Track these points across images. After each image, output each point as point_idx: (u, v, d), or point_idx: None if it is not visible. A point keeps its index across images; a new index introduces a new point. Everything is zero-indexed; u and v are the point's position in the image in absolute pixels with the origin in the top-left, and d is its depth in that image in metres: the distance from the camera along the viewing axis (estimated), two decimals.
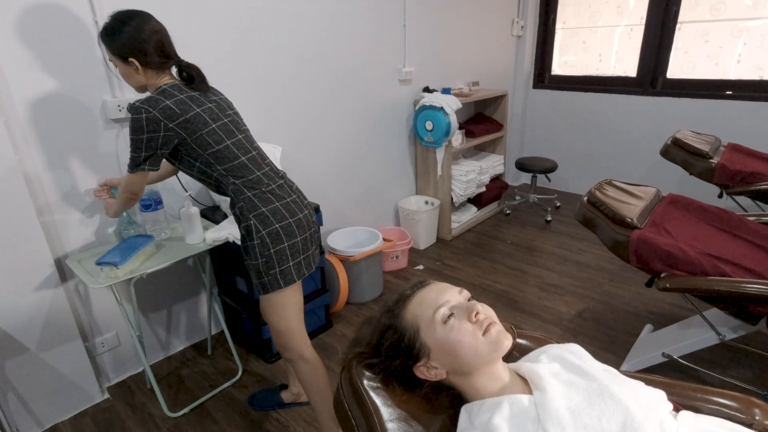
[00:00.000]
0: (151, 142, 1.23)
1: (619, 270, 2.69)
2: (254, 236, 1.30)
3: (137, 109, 1.20)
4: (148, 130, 1.21)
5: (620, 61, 3.54)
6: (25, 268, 1.55)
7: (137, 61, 1.24)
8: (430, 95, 2.80)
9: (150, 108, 1.20)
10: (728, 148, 2.50)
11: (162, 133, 1.22)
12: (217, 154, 1.28)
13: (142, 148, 1.23)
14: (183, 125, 1.23)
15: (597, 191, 1.82)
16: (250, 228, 1.30)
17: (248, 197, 1.30)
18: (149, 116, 1.20)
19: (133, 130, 1.22)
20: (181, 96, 1.25)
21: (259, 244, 1.30)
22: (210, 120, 1.28)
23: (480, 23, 3.37)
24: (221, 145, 1.28)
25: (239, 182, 1.31)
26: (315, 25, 2.27)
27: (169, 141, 1.24)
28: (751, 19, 2.91)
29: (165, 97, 1.23)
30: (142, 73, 1.27)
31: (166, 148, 1.25)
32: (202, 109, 1.27)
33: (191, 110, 1.25)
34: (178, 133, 1.23)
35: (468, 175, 3.09)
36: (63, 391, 1.73)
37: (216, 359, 2.07)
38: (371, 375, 0.82)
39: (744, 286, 1.36)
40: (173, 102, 1.22)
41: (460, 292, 0.81)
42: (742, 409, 0.83)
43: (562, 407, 0.69)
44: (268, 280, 1.33)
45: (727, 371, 1.84)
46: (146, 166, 1.26)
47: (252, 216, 1.29)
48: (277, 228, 1.31)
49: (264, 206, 1.30)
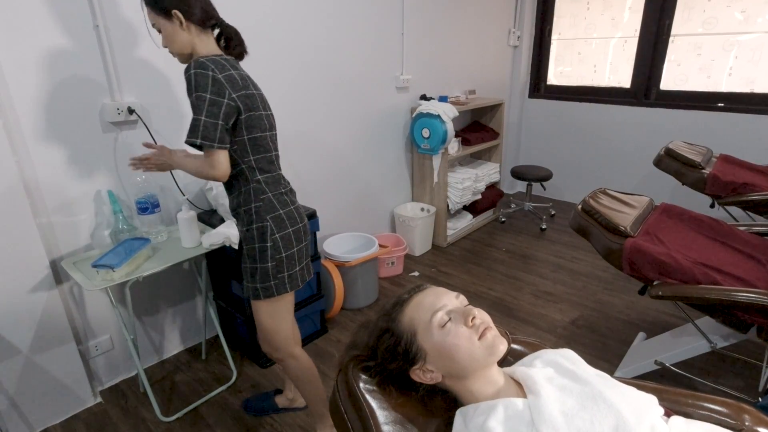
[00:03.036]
0: (213, 107, 1.13)
1: (613, 278, 2.71)
2: (268, 238, 1.28)
3: (203, 64, 1.12)
4: (212, 92, 1.12)
5: (614, 73, 3.59)
6: (20, 270, 1.54)
7: (181, 14, 1.16)
8: (427, 103, 2.82)
9: (217, 70, 1.13)
10: (720, 159, 2.54)
11: (225, 101, 1.15)
12: (257, 141, 1.25)
13: (203, 109, 1.12)
14: (244, 99, 1.19)
15: (591, 200, 1.84)
16: (264, 230, 1.28)
17: (269, 198, 1.29)
18: (215, 77, 1.13)
19: (197, 87, 1.12)
20: (242, 72, 1.22)
21: (272, 247, 1.29)
22: (261, 106, 1.26)
23: (477, 33, 3.42)
24: (264, 132, 1.26)
25: (262, 178, 1.29)
26: (314, 32, 2.30)
27: (230, 113, 1.16)
28: (742, 33, 2.97)
29: (230, 66, 1.18)
30: (186, 30, 1.18)
31: (226, 120, 1.16)
32: (257, 92, 1.26)
33: (250, 88, 1.22)
34: (238, 107, 1.18)
35: (464, 183, 3.11)
36: (55, 395, 1.72)
37: (210, 363, 2.06)
38: (367, 378, 0.82)
39: (735, 294, 1.38)
40: (236, 74, 1.19)
41: (456, 297, 0.82)
42: (732, 415, 0.85)
43: (556, 411, 0.70)
44: (274, 284, 1.32)
45: (718, 379, 1.86)
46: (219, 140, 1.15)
47: (269, 218, 1.28)
48: (290, 232, 1.31)
49: (281, 209, 1.30)
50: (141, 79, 1.74)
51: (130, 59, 1.70)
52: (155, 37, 1.27)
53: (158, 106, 1.82)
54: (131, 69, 1.71)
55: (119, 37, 1.65)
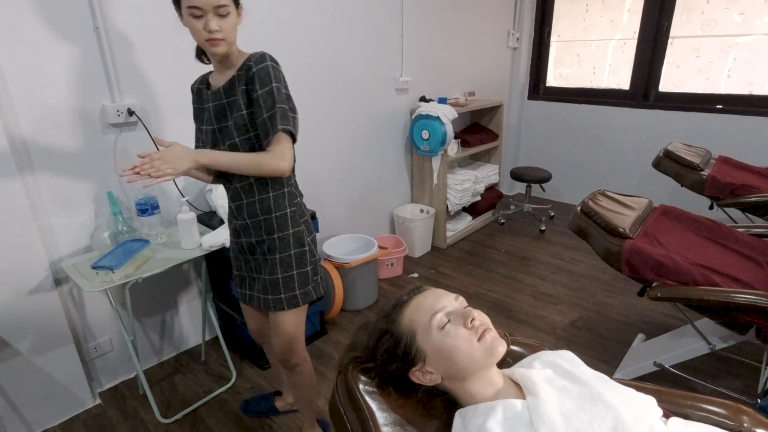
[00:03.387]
0: (290, 101, 1.14)
1: (612, 279, 2.72)
2: (305, 242, 1.27)
3: (274, 59, 1.14)
4: (284, 86, 1.14)
5: (614, 74, 3.60)
6: (20, 271, 1.54)
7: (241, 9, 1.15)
8: (426, 104, 2.83)
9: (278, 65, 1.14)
10: (719, 160, 2.54)
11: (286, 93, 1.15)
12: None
13: (284, 100, 1.12)
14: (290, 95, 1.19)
15: (591, 201, 1.84)
16: (300, 234, 1.26)
17: (300, 202, 1.29)
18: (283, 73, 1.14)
19: (277, 79, 1.12)
20: None
21: (309, 251, 1.29)
22: None
23: (476, 34, 3.42)
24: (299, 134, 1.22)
25: (294, 181, 1.29)
26: (314, 34, 2.30)
27: None
28: (740, 35, 2.98)
29: None
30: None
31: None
32: None
33: None
34: None
35: (463, 184, 3.11)
36: (54, 396, 1.72)
37: (210, 365, 2.06)
38: (367, 379, 0.83)
39: (733, 296, 1.38)
40: None
41: (456, 299, 0.82)
42: (731, 417, 0.85)
43: (555, 412, 0.70)
44: (312, 288, 1.31)
45: (717, 381, 1.86)
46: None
47: (302, 222, 1.28)
48: (314, 235, 1.33)
49: (306, 213, 1.32)
50: (141, 81, 1.75)
51: (130, 61, 1.70)
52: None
53: (158, 108, 1.82)
54: (131, 71, 1.71)
55: (119, 39, 1.65)
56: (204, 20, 1.07)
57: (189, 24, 1.09)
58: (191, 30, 1.10)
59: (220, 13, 1.08)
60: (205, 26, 1.07)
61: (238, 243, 1.33)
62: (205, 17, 1.07)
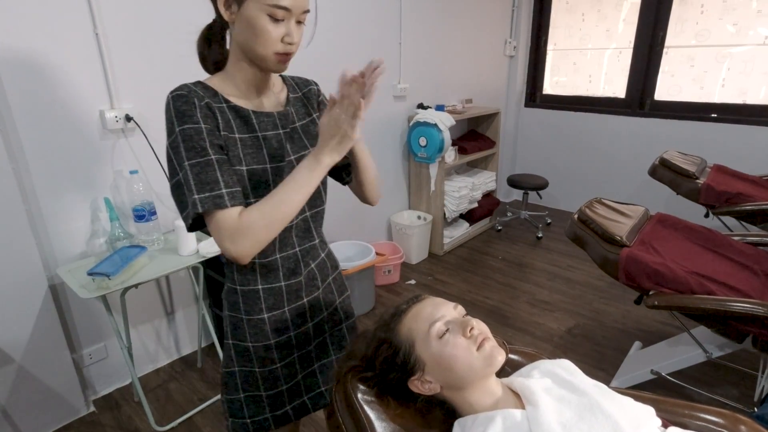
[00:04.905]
0: None
1: (609, 287, 2.72)
2: None
3: None
4: None
5: (609, 83, 3.63)
6: (15, 277, 1.53)
7: None
8: (424, 112, 2.84)
9: None
10: (714, 169, 2.56)
11: None
12: None
13: None
14: None
15: (587, 209, 1.85)
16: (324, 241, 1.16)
17: None
18: None
19: None
20: None
21: None
22: None
23: (474, 43, 3.45)
24: None
25: None
26: (312, 41, 2.31)
27: None
28: (734, 45, 3.01)
29: None
30: None
31: None
32: None
33: None
34: None
35: (460, 191, 3.12)
36: (48, 404, 1.70)
37: (206, 372, 2.05)
38: (365, 389, 0.82)
39: (730, 304, 1.39)
40: None
41: (455, 308, 0.82)
42: (729, 426, 0.85)
43: (554, 422, 0.70)
44: None
45: (714, 389, 1.87)
46: None
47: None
48: None
49: None
50: (139, 87, 1.75)
51: (129, 67, 1.70)
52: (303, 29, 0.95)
53: (156, 114, 1.82)
54: (130, 76, 1.71)
55: (118, 45, 1.66)
56: (285, 26, 0.84)
57: (259, 26, 0.82)
58: (257, 35, 0.83)
59: (301, 20, 0.88)
60: (286, 34, 0.84)
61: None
62: (287, 23, 0.84)
